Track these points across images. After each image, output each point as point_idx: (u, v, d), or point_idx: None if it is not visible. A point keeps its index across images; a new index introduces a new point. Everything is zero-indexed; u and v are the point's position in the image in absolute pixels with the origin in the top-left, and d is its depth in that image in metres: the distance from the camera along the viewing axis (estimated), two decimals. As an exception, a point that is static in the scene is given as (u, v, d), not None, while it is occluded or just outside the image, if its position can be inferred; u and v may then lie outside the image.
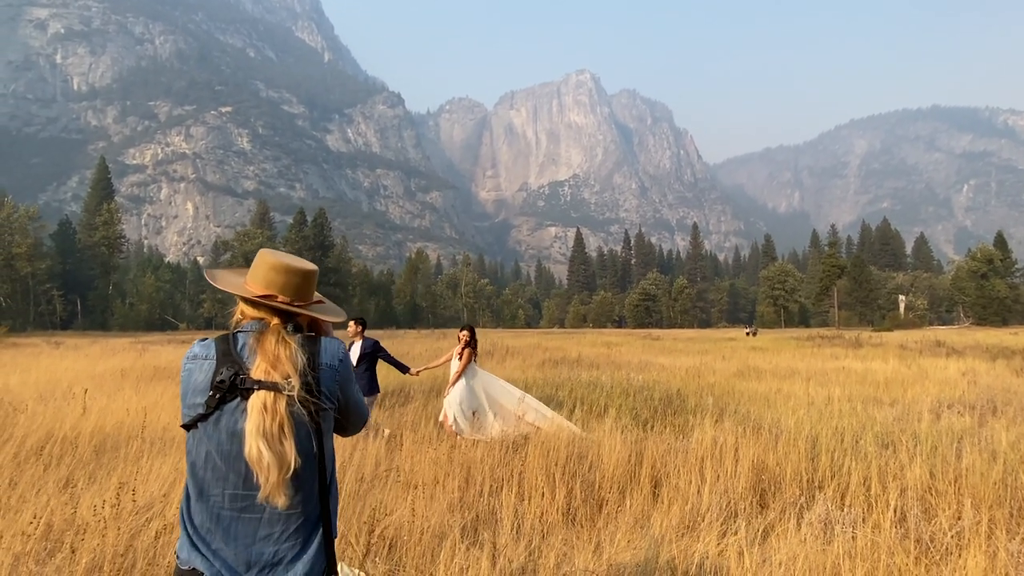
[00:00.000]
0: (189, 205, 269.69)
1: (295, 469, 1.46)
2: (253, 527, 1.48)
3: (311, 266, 1.68)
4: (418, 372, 7.84)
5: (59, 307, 70.28)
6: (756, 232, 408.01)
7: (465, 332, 7.52)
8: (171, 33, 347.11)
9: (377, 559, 3.38)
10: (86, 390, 8.56)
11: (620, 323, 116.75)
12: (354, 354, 7.43)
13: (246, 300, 1.63)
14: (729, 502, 4.40)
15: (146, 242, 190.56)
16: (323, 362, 1.57)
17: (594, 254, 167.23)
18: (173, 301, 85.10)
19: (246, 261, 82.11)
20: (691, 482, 4.64)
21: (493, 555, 3.33)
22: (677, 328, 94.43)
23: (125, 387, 10.43)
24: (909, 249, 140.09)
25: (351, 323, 7.60)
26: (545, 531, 3.98)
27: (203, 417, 1.50)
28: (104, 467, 4.99)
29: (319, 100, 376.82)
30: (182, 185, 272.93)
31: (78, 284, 75.05)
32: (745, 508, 4.34)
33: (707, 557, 3.57)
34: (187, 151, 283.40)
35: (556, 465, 4.74)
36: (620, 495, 4.55)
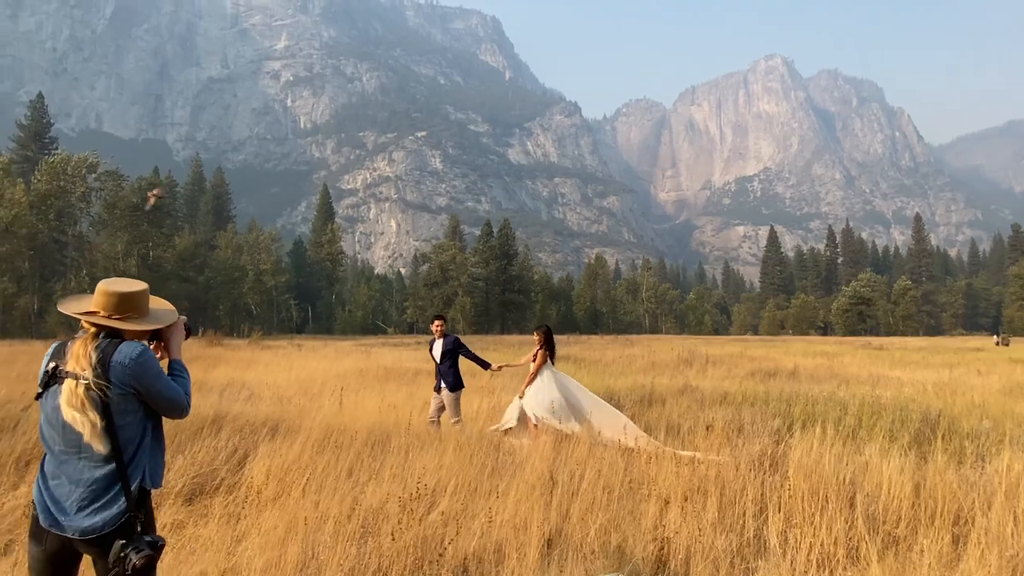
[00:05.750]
0: (392, 222, 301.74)
1: (100, 428, 2.01)
2: (77, 472, 2.05)
3: (128, 289, 2.15)
4: (499, 368, 7.72)
5: (295, 314, 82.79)
6: (999, 222, 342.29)
7: (540, 333, 7.26)
8: (375, 70, 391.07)
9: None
10: (341, 388, 9.79)
11: (825, 330, 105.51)
12: (436, 351, 7.58)
13: (79, 315, 2.14)
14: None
15: (359, 256, 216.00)
16: (114, 360, 2.04)
17: (791, 253, 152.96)
18: (382, 308, 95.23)
19: (442, 271, 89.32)
20: (1004, 523, 3.92)
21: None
22: (899, 336, 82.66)
23: (367, 385, 11.80)
24: None
25: (435, 321, 7.71)
26: (828, 566, 3.62)
27: (39, 395, 2.11)
28: (377, 459, 5.61)
29: (501, 117, 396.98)
30: (387, 205, 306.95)
31: (309, 294, 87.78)
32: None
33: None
34: (390, 174, 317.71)
35: (826, 491, 4.30)
36: (912, 532, 3.98)
